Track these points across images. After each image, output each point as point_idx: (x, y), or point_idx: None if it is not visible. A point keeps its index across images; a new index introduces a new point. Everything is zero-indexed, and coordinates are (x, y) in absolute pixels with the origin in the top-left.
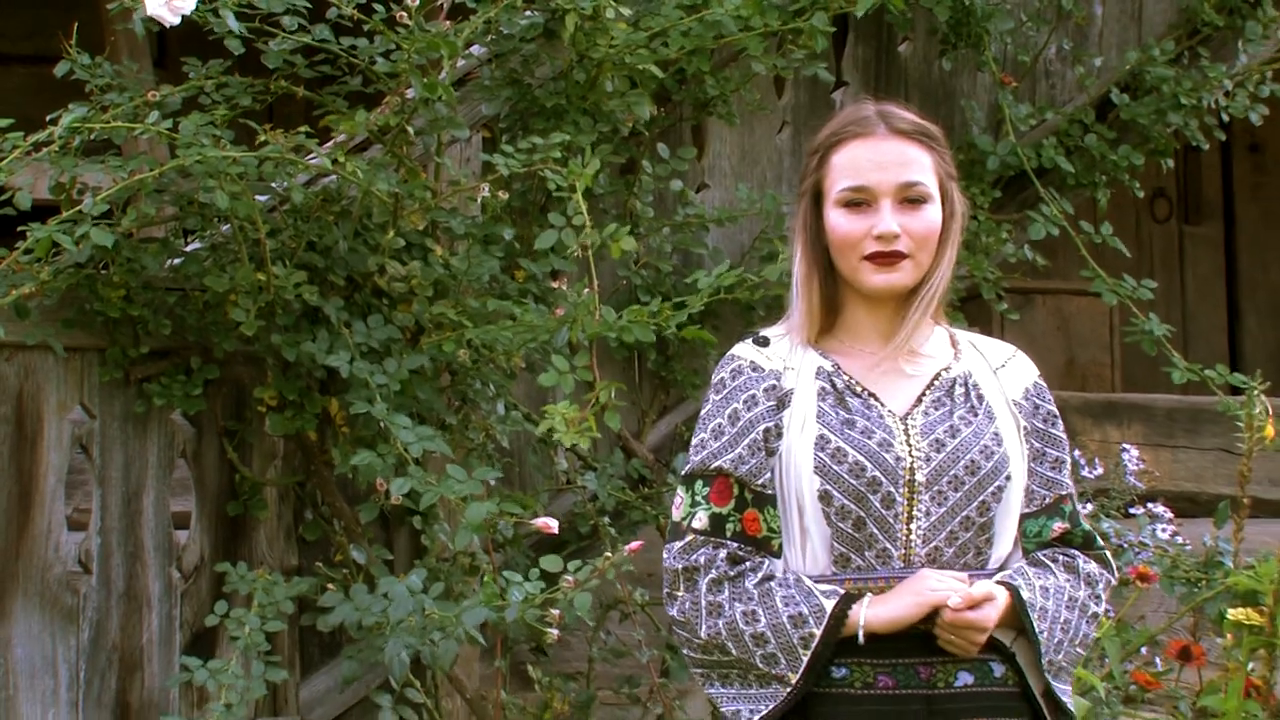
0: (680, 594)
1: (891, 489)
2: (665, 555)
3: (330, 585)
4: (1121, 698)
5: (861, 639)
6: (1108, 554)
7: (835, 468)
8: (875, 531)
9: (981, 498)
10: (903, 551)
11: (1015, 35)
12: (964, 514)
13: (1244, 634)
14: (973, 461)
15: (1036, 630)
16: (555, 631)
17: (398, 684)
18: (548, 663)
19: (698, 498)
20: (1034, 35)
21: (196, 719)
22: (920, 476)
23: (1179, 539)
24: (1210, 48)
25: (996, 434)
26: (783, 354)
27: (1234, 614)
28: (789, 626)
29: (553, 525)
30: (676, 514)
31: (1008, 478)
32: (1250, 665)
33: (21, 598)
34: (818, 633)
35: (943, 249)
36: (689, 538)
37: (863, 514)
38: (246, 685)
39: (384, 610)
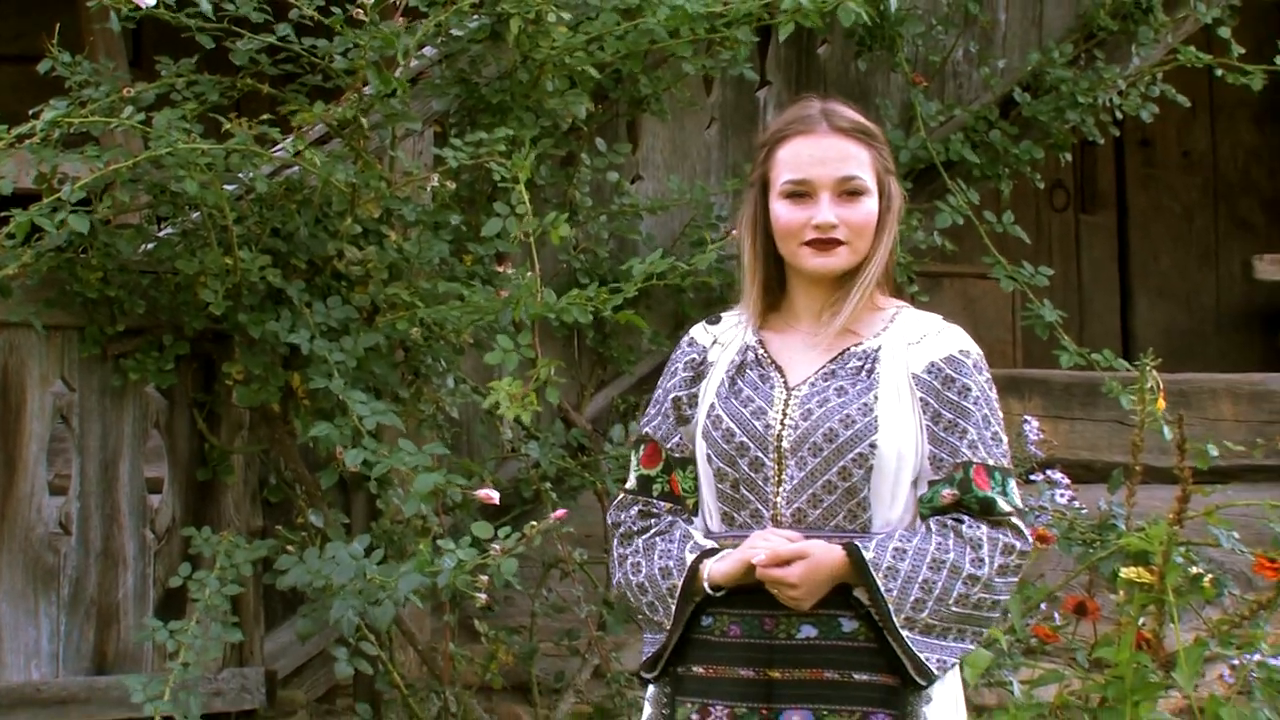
0: (611, 547)
1: (760, 454)
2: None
3: (289, 548)
4: (1023, 650)
5: (709, 591)
6: (1013, 519)
7: (714, 434)
8: (747, 493)
9: (841, 463)
10: (772, 512)
11: (926, 38)
12: (825, 478)
13: (1135, 591)
14: (831, 429)
15: (882, 589)
16: (484, 596)
17: (351, 639)
18: (494, 617)
19: (634, 461)
20: (943, 38)
21: (165, 669)
22: (786, 443)
23: (1076, 504)
24: (1105, 50)
25: (866, 404)
26: (724, 331)
27: (1126, 572)
28: (659, 578)
29: (494, 496)
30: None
31: (871, 445)
32: (1141, 619)
33: (6, 556)
34: (678, 584)
35: (879, 236)
36: (620, 496)
37: (736, 476)
38: (204, 645)
39: (331, 574)
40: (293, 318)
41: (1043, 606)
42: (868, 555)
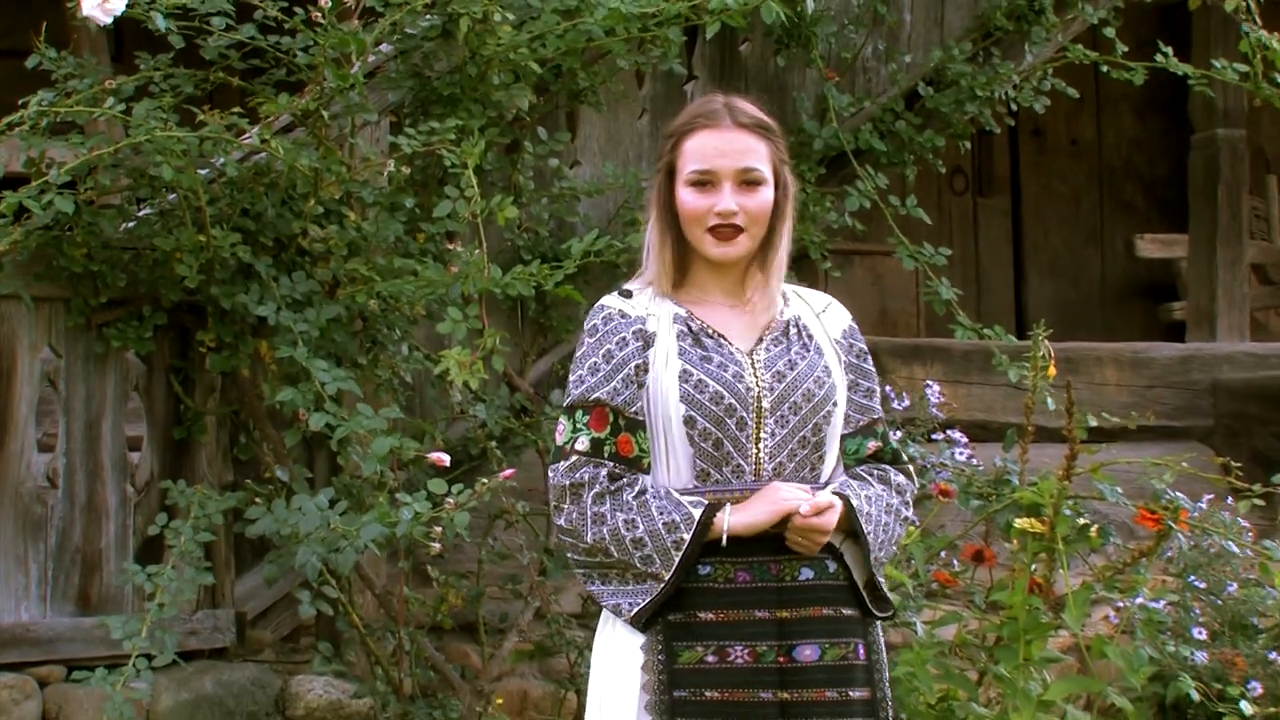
0: (566, 506)
1: (744, 414)
2: (551, 475)
3: (257, 500)
4: (925, 593)
5: (725, 541)
6: (911, 468)
7: (698, 396)
8: (731, 450)
9: (815, 420)
10: (753, 467)
11: (838, 37)
12: (801, 434)
13: (1028, 540)
14: (808, 390)
15: (866, 533)
16: (438, 545)
17: (315, 583)
18: (444, 564)
19: (579, 425)
20: (854, 37)
21: (143, 610)
22: (766, 403)
23: (974, 461)
24: (1001, 48)
25: (826, 367)
26: (645, 304)
27: (1020, 523)
28: (663, 532)
29: (445, 459)
30: (560, 439)
31: (834, 404)
32: (1033, 566)
33: None
34: (687, 537)
35: (777, 222)
36: (573, 458)
37: (721, 435)
38: (179, 588)
39: (297, 523)
40: (261, 291)
41: (943, 554)
42: (855, 504)
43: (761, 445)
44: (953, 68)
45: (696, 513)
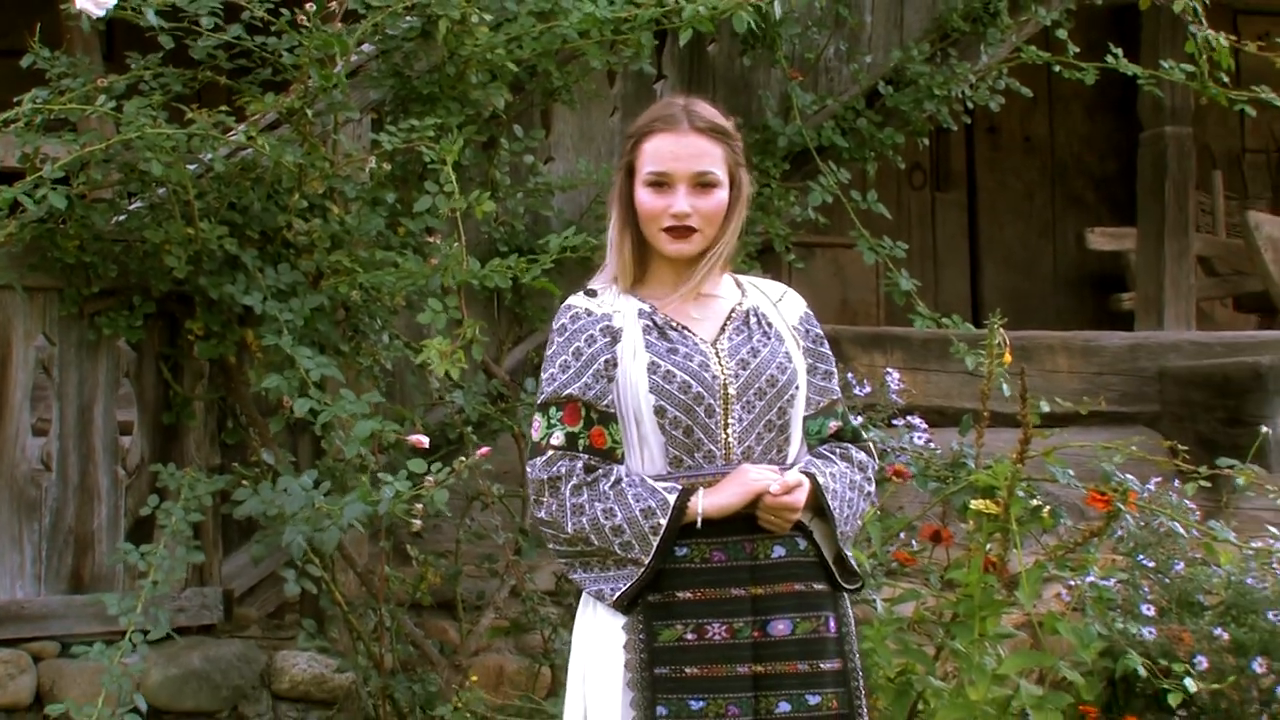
0: (546, 499)
1: (712, 401)
2: (529, 470)
3: (244, 482)
4: (884, 572)
5: (699, 524)
6: (871, 446)
7: (667, 387)
8: (701, 437)
9: (780, 404)
10: (723, 451)
11: (802, 38)
12: (767, 418)
13: (983, 521)
14: (772, 375)
15: (832, 509)
16: (419, 521)
17: (299, 562)
18: (423, 543)
19: (553, 421)
20: (817, 38)
21: (135, 589)
22: (732, 390)
23: (931, 445)
24: (958, 49)
25: (786, 353)
26: (609, 301)
27: (975, 504)
28: (641, 519)
29: (424, 441)
30: (536, 435)
31: (796, 387)
32: (988, 545)
33: None
34: (664, 522)
35: (729, 221)
36: (550, 453)
37: (691, 423)
38: (171, 566)
39: (283, 504)
40: (247, 281)
41: (902, 535)
42: (821, 481)
43: (730, 430)
44: (911, 68)
45: (671, 498)
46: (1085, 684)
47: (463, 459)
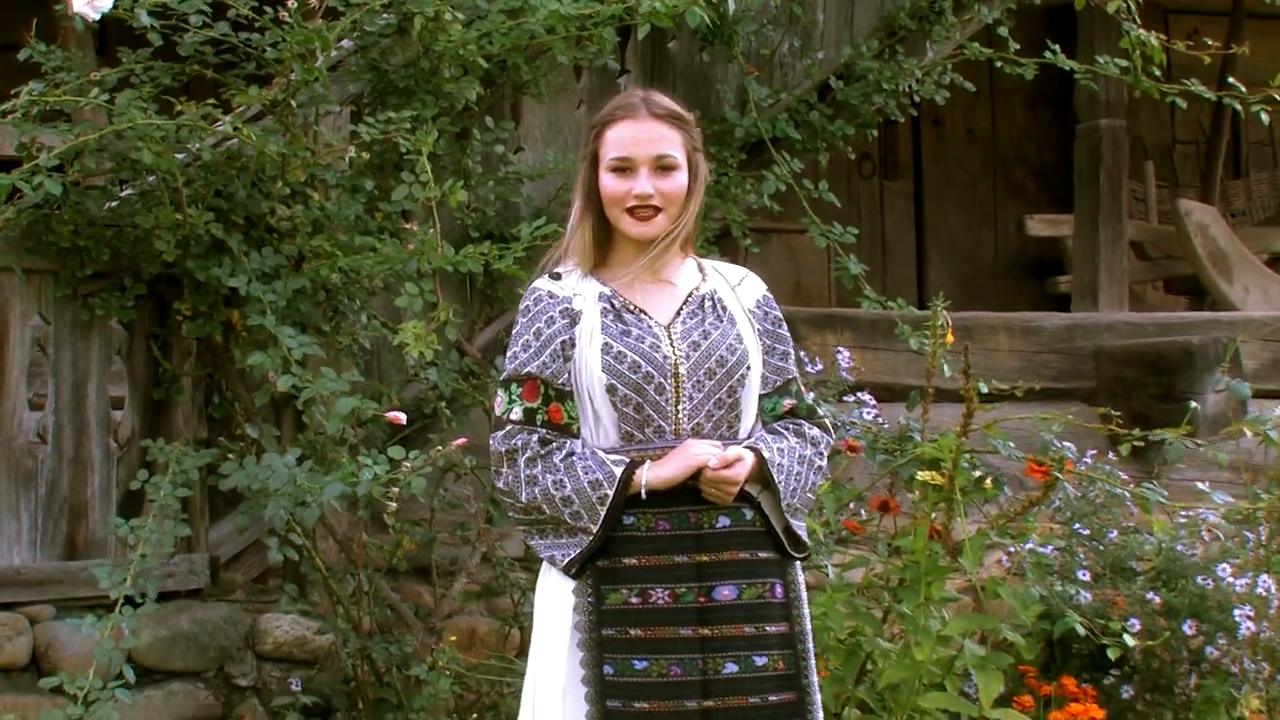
0: (504, 470)
1: (662, 380)
2: (491, 442)
3: (230, 456)
4: (836, 540)
5: (644, 495)
6: (827, 422)
7: (618, 367)
8: (651, 413)
9: (730, 384)
10: (673, 427)
11: (757, 35)
12: (717, 396)
13: (929, 491)
14: (721, 357)
15: (777, 482)
16: (394, 505)
17: (282, 531)
18: (399, 512)
19: (514, 396)
20: (772, 35)
21: (125, 560)
22: (683, 370)
23: (880, 420)
24: (905, 45)
25: (738, 335)
26: (572, 284)
27: (922, 476)
28: (589, 490)
29: (401, 418)
30: (498, 410)
31: (748, 368)
32: (933, 514)
33: None
34: (610, 493)
35: (688, 203)
36: (509, 427)
37: (641, 401)
38: (160, 539)
39: (267, 479)
40: (233, 264)
41: (852, 505)
42: (767, 455)
43: (681, 408)
44: (861, 63)
45: (618, 471)
46: (1025, 645)
47: (439, 448)
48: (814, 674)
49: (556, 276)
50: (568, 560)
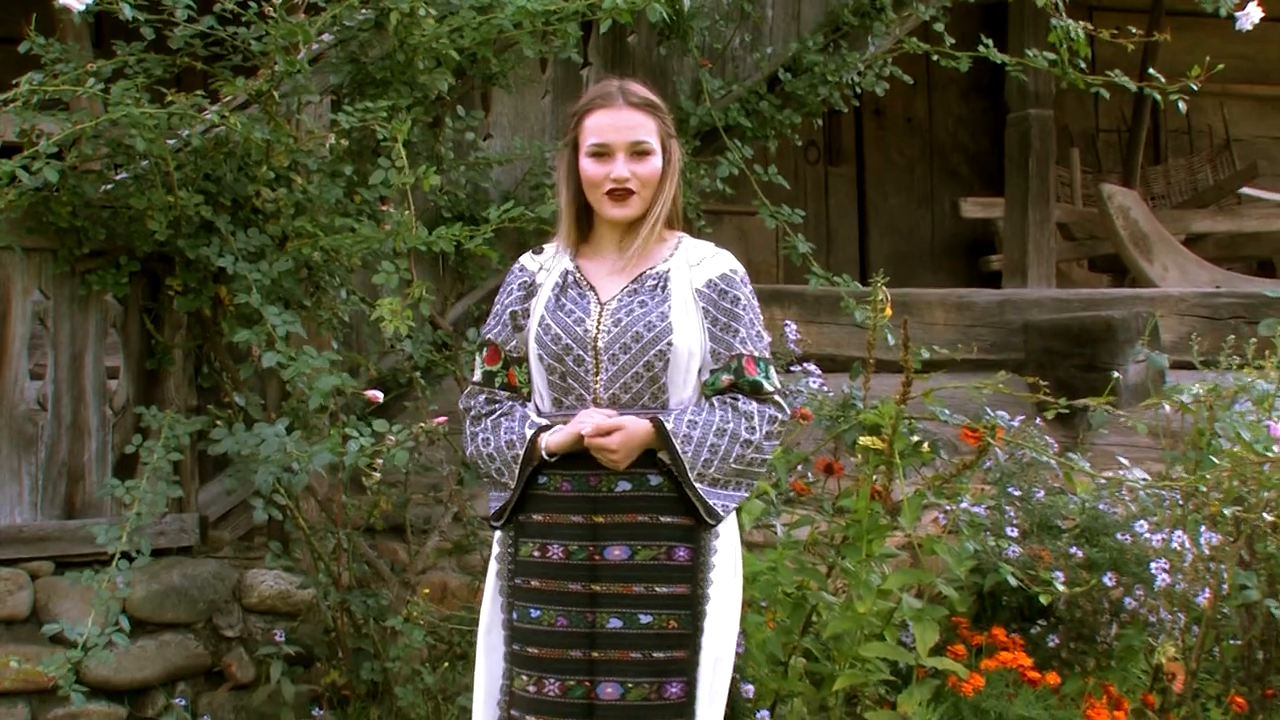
0: (463, 427)
1: (581, 353)
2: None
3: (218, 422)
4: (784, 500)
5: (546, 457)
6: (775, 397)
7: (544, 338)
8: (573, 383)
9: (646, 358)
10: (593, 396)
11: (711, 30)
12: (634, 370)
13: (870, 455)
14: (637, 333)
15: (680, 451)
16: (378, 475)
17: (267, 493)
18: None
19: (479, 359)
20: (724, 30)
21: (120, 519)
22: (601, 344)
23: (825, 388)
24: (848, 40)
25: (663, 313)
26: (547, 260)
27: (863, 441)
28: (505, 449)
29: (379, 396)
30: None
31: (669, 344)
32: (875, 477)
33: None
34: (521, 454)
35: (663, 186)
36: (469, 388)
37: (563, 370)
38: (153, 499)
39: (257, 446)
40: (221, 244)
41: (799, 468)
42: (669, 426)
43: (600, 378)
44: (807, 57)
45: (528, 433)
46: (958, 598)
47: (421, 425)
48: (717, 635)
49: (538, 251)
50: (494, 511)
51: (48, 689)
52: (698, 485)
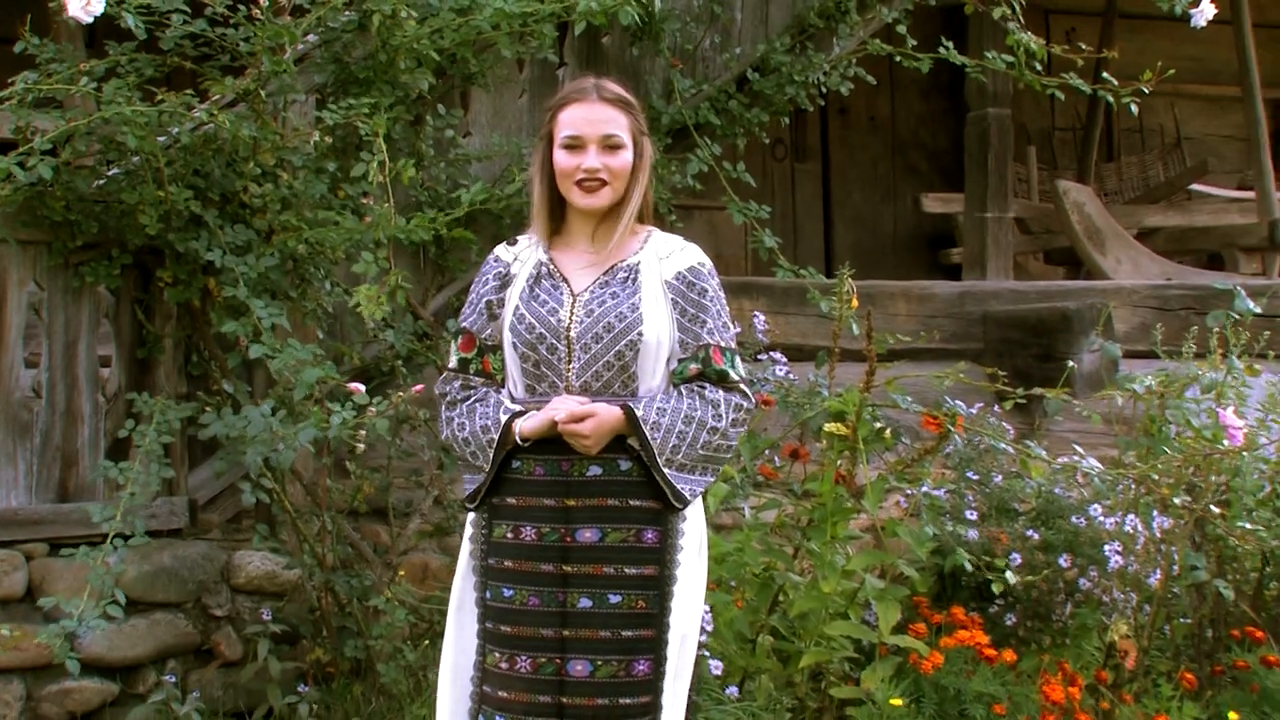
0: (440, 411)
1: (554, 341)
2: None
3: (208, 408)
4: (752, 484)
5: (520, 442)
6: (741, 385)
7: (519, 327)
8: (545, 370)
9: (617, 348)
10: (565, 384)
11: (682, 32)
12: (605, 359)
13: (835, 440)
14: (609, 324)
15: (649, 437)
16: (362, 445)
17: (255, 476)
18: (360, 460)
19: (455, 346)
20: (695, 31)
21: (113, 499)
22: (574, 334)
23: (791, 377)
24: (814, 42)
25: (634, 304)
26: (521, 250)
27: (828, 427)
28: (481, 434)
29: (361, 388)
30: (448, 358)
31: (639, 334)
32: (839, 461)
33: None
34: (495, 438)
35: (634, 181)
36: (445, 374)
37: (537, 358)
38: (145, 480)
39: (244, 428)
40: (209, 237)
41: (767, 452)
42: (639, 413)
43: (572, 367)
44: (775, 58)
45: (503, 419)
46: (919, 579)
47: (400, 393)
48: (682, 615)
49: (513, 243)
50: (468, 494)
51: (43, 665)
52: (666, 470)
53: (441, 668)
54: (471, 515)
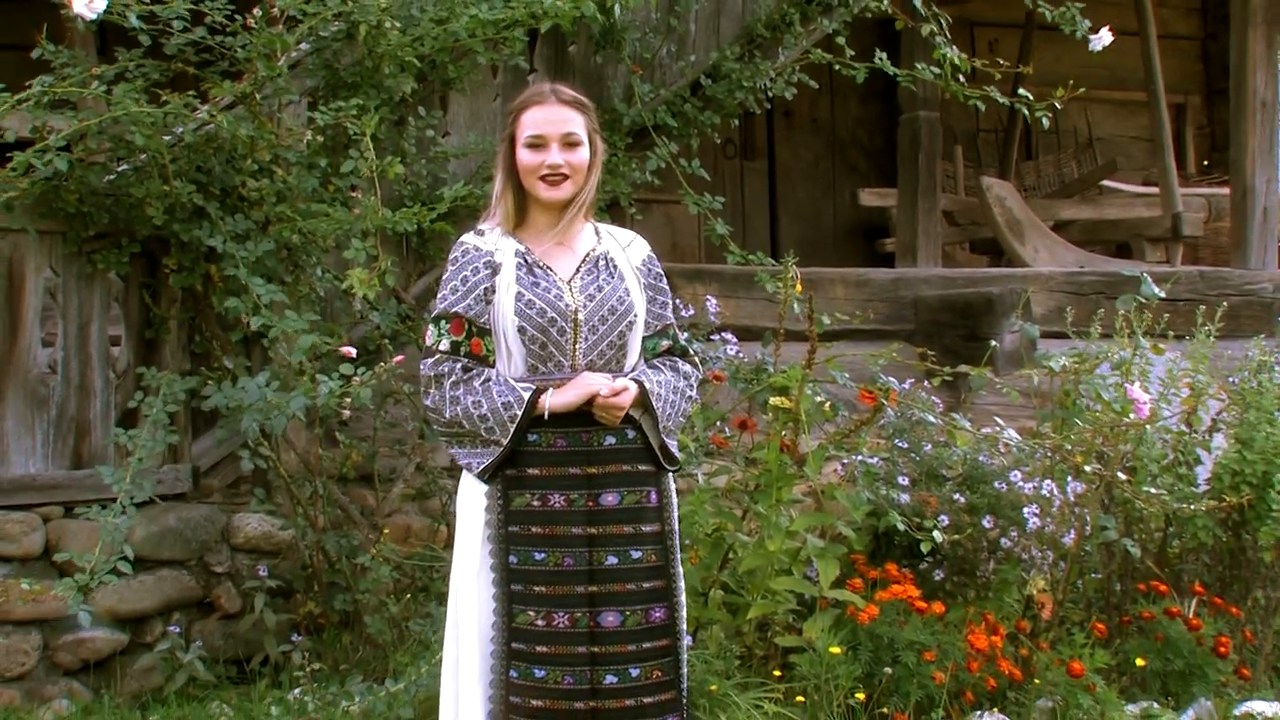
0: (432, 391)
1: (563, 324)
2: (421, 368)
3: (210, 382)
4: (704, 452)
5: (546, 416)
6: (696, 359)
7: (528, 312)
8: (553, 350)
9: (619, 329)
10: (571, 363)
11: (641, 41)
12: (609, 340)
13: (780, 413)
14: (613, 307)
15: (656, 408)
16: (348, 412)
17: (253, 444)
18: (348, 430)
19: (442, 331)
20: (653, 41)
21: (124, 465)
22: (581, 317)
23: (740, 355)
24: (762, 50)
25: (626, 289)
26: (494, 241)
27: (774, 401)
28: (501, 410)
29: (351, 351)
30: (428, 341)
31: (635, 315)
32: (783, 432)
33: (12, 390)
34: (519, 414)
35: (589, 175)
36: (437, 355)
37: (546, 340)
38: (152, 446)
39: (242, 398)
40: (211, 227)
41: (718, 423)
42: (649, 386)
43: (578, 347)
44: (726, 65)
45: (526, 395)
46: (856, 538)
47: (382, 365)
48: (679, 564)
49: (480, 233)
50: (482, 468)
51: (59, 618)
52: (664, 437)
53: (459, 630)
54: (483, 487)
